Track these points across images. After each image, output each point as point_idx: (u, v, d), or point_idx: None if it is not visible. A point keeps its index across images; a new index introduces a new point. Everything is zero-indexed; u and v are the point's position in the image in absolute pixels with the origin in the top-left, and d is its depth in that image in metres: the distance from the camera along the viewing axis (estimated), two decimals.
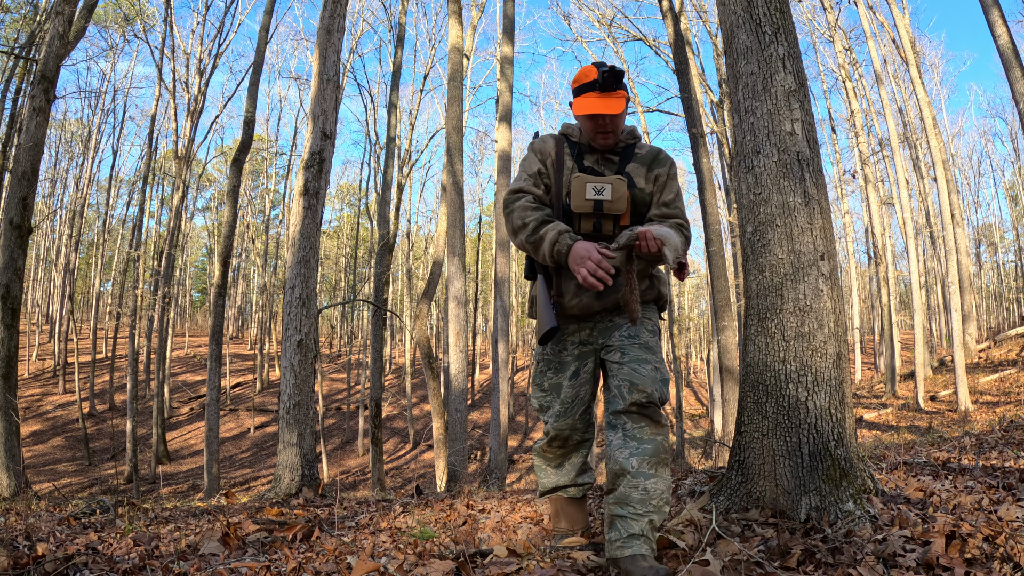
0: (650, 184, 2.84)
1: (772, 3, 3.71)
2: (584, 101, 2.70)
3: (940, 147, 21.95)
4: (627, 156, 2.86)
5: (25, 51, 18.01)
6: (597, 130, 2.75)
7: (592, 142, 2.82)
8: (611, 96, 2.68)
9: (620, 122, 2.77)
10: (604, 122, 2.72)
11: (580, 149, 2.86)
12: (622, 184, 2.68)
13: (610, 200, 2.68)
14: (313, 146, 8.74)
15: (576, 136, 2.89)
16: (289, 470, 7.90)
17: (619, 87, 2.70)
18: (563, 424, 2.87)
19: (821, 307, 3.31)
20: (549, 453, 3.01)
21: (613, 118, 2.72)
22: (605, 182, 2.67)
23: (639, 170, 2.83)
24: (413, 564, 2.74)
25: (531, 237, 2.70)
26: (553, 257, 2.64)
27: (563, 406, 2.86)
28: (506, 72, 14.29)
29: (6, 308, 9.17)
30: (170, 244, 24.22)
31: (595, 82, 2.69)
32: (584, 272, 2.51)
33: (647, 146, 2.93)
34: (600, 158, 2.85)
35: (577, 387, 2.87)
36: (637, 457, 2.57)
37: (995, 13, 12.58)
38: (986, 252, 51.03)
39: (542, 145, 2.89)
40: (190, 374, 39.55)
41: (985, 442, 6.96)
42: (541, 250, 2.68)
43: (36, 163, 9.69)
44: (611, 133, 2.77)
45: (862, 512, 2.98)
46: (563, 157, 2.83)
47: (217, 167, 45.69)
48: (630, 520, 2.49)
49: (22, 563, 2.78)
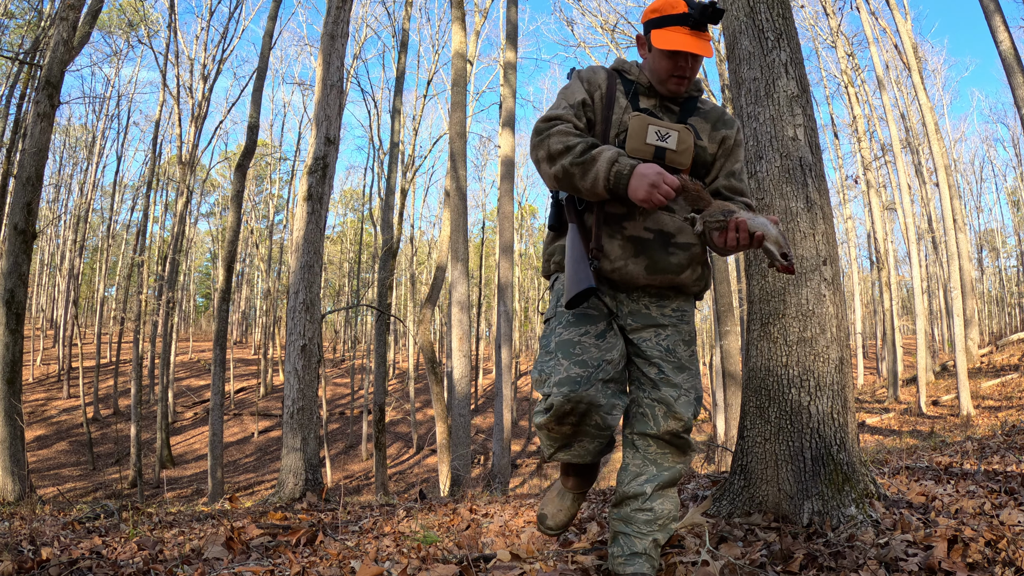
0: (715, 145, 2.41)
1: (775, 9, 3.72)
2: (668, 34, 2.21)
3: (942, 152, 21.94)
4: (689, 108, 2.42)
5: (30, 57, 18.07)
6: (673, 72, 2.28)
7: (659, 85, 2.35)
8: (703, 37, 2.23)
9: (698, 69, 2.34)
10: (686, 64, 2.27)
11: (636, 89, 2.39)
12: (689, 135, 2.28)
13: (674, 150, 2.26)
14: (317, 151, 8.77)
15: (633, 74, 2.42)
16: (293, 474, 7.91)
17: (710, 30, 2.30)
18: (583, 396, 2.20)
19: (823, 312, 3.32)
20: (556, 433, 2.35)
21: (696, 61, 2.28)
22: (671, 128, 2.26)
23: (703, 126, 2.40)
24: (416, 568, 2.75)
25: (579, 159, 2.20)
26: (609, 181, 2.15)
27: (584, 369, 2.21)
28: (509, 78, 14.32)
29: (10, 313, 9.20)
30: (174, 249, 24.27)
31: (685, 16, 2.21)
32: (647, 188, 2.07)
33: (711, 103, 2.50)
34: (659, 104, 2.38)
35: (605, 349, 2.27)
36: (652, 483, 2.36)
37: (997, 19, 12.60)
38: (988, 257, 50.93)
39: (591, 75, 2.41)
40: (194, 379, 39.57)
41: (987, 447, 6.96)
42: (592, 173, 2.17)
43: (40, 168, 9.73)
44: (687, 79, 2.31)
45: (864, 516, 2.98)
46: (615, 93, 2.37)
47: (221, 172, 45.81)
48: (634, 538, 2.37)
49: (26, 567, 2.79)
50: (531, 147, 2.33)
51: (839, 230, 31.89)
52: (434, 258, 29.49)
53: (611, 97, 2.35)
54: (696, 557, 2.64)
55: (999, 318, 50.22)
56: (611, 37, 26.45)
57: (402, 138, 21.62)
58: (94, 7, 11.33)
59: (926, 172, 26.91)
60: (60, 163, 40.33)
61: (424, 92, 26.52)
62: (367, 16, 28.47)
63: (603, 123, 2.34)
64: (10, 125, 19.73)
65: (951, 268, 19.98)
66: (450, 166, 12.88)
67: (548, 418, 2.27)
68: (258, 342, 47.01)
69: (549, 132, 2.28)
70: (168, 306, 24.18)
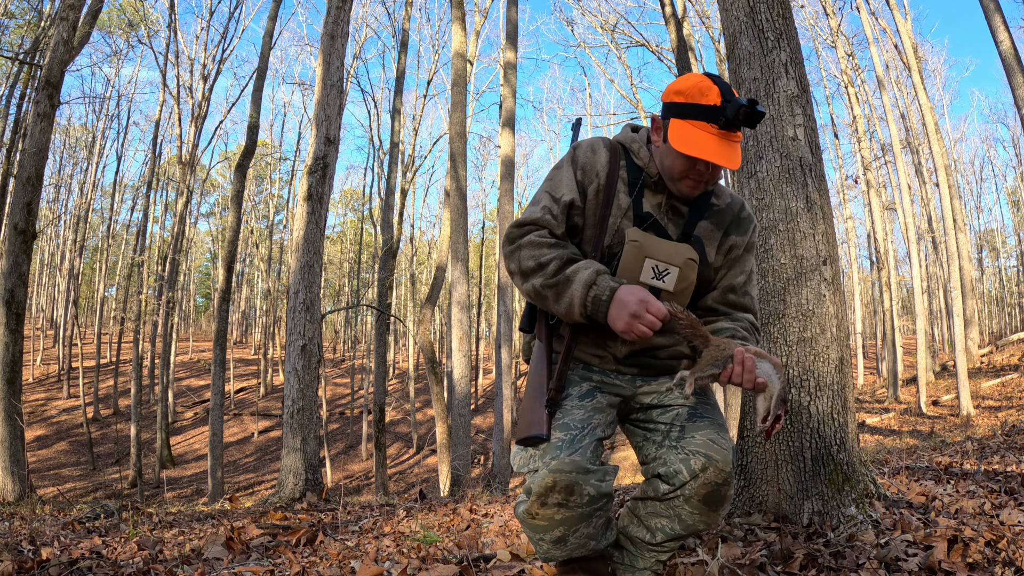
0: (720, 256, 2.07)
1: (775, 9, 3.72)
2: (690, 131, 1.85)
3: (942, 152, 21.95)
4: (700, 208, 2.03)
5: (30, 57, 18.08)
6: (688, 174, 1.92)
7: (670, 183, 1.98)
8: (732, 140, 1.86)
9: (720, 175, 1.99)
10: (705, 170, 1.91)
11: (643, 180, 2.02)
12: (691, 270, 1.95)
13: (671, 291, 1.96)
14: (317, 151, 8.77)
15: (642, 159, 2.03)
16: (293, 474, 7.91)
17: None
18: (566, 463, 1.82)
19: (823, 312, 3.32)
20: (542, 519, 1.91)
21: (719, 168, 1.92)
22: (671, 263, 1.93)
23: (712, 234, 2.04)
24: (416, 568, 2.75)
25: (551, 280, 1.89)
26: (587, 307, 1.86)
27: (568, 433, 1.89)
28: (509, 77, 14.32)
29: (10, 312, 9.20)
30: (174, 249, 24.28)
31: (716, 111, 1.83)
32: (626, 319, 1.80)
33: (727, 193, 2.12)
34: (666, 203, 2.01)
35: (591, 411, 1.97)
36: (668, 534, 2.05)
37: (997, 19, 12.60)
38: (988, 257, 50.94)
39: (589, 159, 2.03)
40: (194, 379, 39.58)
41: (987, 447, 6.96)
42: (566, 297, 1.88)
43: (40, 168, 9.74)
44: (703, 184, 1.95)
45: (864, 516, 2.98)
46: (615, 186, 2.00)
47: (221, 172, 45.82)
48: (637, 557, 2.14)
49: (27, 568, 2.79)
50: (503, 256, 2.02)
51: (839, 230, 31.91)
52: (434, 258, 29.52)
53: (610, 193, 1.99)
54: (696, 557, 2.64)
55: (999, 318, 50.23)
56: (611, 37, 26.52)
57: (402, 138, 21.63)
58: (94, 7, 11.33)
59: (926, 172, 26.91)
60: (60, 163, 40.36)
61: (424, 92, 26.55)
62: (367, 16, 28.49)
63: (596, 227, 2.00)
64: (10, 125, 19.74)
65: (951, 268, 19.99)
66: (450, 166, 12.89)
67: (530, 501, 1.87)
68: (258, 342, 47.03)
69: (520, 244, 1.96)
70: (168, 306, 24.19)
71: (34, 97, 11.27)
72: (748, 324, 2.06)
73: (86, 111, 43.87)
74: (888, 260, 26.52)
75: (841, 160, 31.35)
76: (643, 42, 25.37)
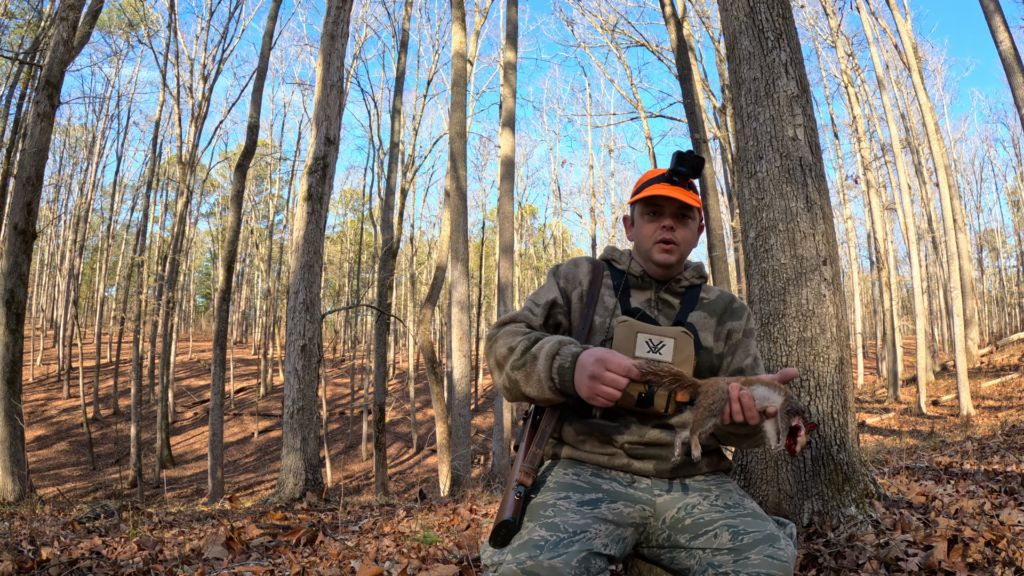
0: (720, 343, 1.99)
1: (775, 9, 3.72)
2: (652, 187, 1.93)
3: (942, 152, 21.96)
4: (691, 300, 2.01)
5: (30, 57, 18.08)
6: (656, 236, 1.94)
7: (647, 262, 1.99)
8: (683, 187, 1.93)
9: (690, 236, 1.98)
10: (667, 222, 1.93)
11: (627, 282, 2.02)
12: (688, 341, 1.84)
13: (670, 363, 1.81)
14: (317, 151, 8.77)
15: (623, 263, 2.05)
16: (293, 474, 7.91)
17: (691, 187, 1.97)
18: (543, 566, 1.50)
19: (823, 312, 3.32)
20: None
21: (683, 226, 1.95)
22: (665, 335, 1.84)
23: (707, 322, 1.99)
24: (416, 568, 2.75)
25: (519, 360, 1.78)
26: (554, 381, 1.70)
27: (554, 534, 1.58)
28: (509, 78, 14.32)
29: (10, 312, 9.20)
30: (174, 249, 24.29)
31: (662, 176, 1.95)
32: (587, 383, 1.63)
33: (715, 290, 2.11)
34: (655, 298, 1.99)
35: (592, 519, 1.67)
36: None
37: (997, 19, 12.61)
38: (988, 257, 50.97)
39: (571, 270, 2.04)
40: (194, 379, 39.59)
41: (987, 447, 6.97)
42: (535, 375, 1.74)
43: (40, 168, 9.74)
44: (676, 246, 1.94)
45: (864, 516, 2.98)
46: (599, 290, 1.99)
47: (221, 172, 45.86)
48: None
49: (27, 567, 2.79)
50: (484, 355, 1.93)
51: (839, 230, 31.92)
52: (434, 258, 29.52)
53: (594, 295, 1.96)
54: None
55: (999, 318, 50.24)
56: (611, 37, 26.53)
57: (402, 138, 21.63)
58: (94, 7, 11.33)
59: (926, 172, 26.92)
60: (60, 163, 40.38)
61: (424, 92, 26.54)
62: (367, 16, 28.49)
63: (583, 326, 1.92)
64: (10, 125, 19.75)
65: (951, 268, 19.99)
66: (450, 166, 12.89)
67: None
68: (258, 342, 47.05)
69: (496, 336, 1.89)
70: (168, 306, 24.19)
71: (34, 97, 11.28)
72: None
73: (86, 111, 43.93)
74: (888, 260, 26.52)
75: (841, 160, 31.39)
76: (643, 42, 25.38)
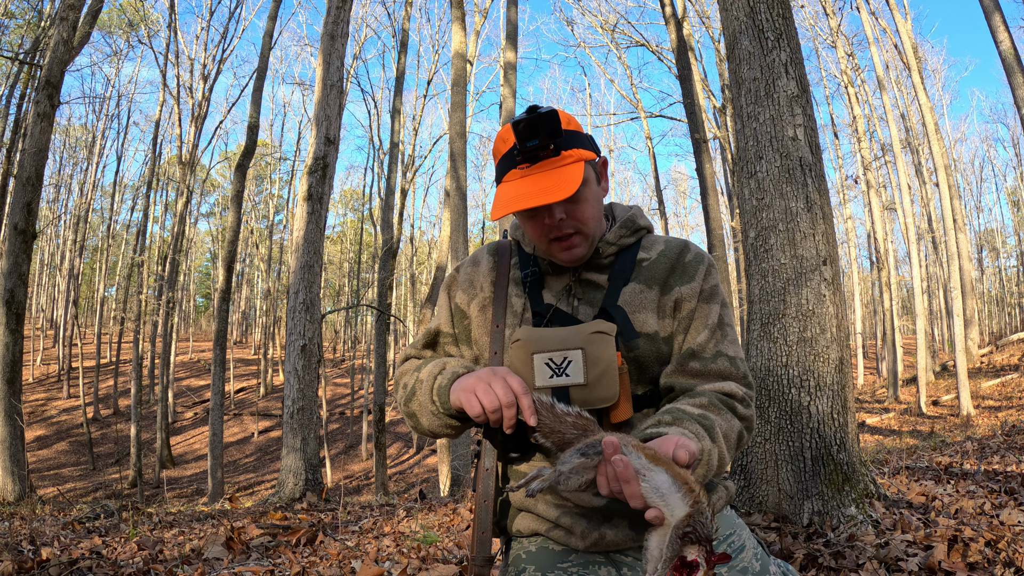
0: (668, 320, 1.49)
1: (775, 9, 3.72)
2: (501, 192, 1.45)
3: (942, 152, 21.96)
4: (623, 269, 1.52)
5: (30, 57, 18.09)
6: (544, 234, 1.47)
7: (551, 257, 1.53)
8: (547, 168, 1.41)
9: (590, 208, 1.47)
10: (551, 219, 1.44)
11: (539, 267, 1.57)
12: (605, 343, 1.37)
13: (582, 384, 1.37)
14: (317, 151, 8.77)
15: (531, 244, 1.61)
16: (293, 474, 7.91)
17: (561, 145, 1.40)
18: None
19: (823, 312, 3.32)
20: None
21: (577, 207, 1.45)
22: (568, 346, 1.38)
23: (646, 296, 1.48)
24: (417, 568, 2.75)
25: (410, 391, 1.49)
26: (435, 406, 1.41)
27: None
28: (509, 78, 14.32)
29: (10, 312, 9.20)
30: (174, 249, 24.29)
31: (512, 151, 1.44)
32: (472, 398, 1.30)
33: (660, 241, 1.59)
34: (575, 282, 1.53)
35: None
36: None
37: (997, 18, 12.60)
38: (988, 257, 50.99)
39: (470, 275, 1.63)
40: (194, 379, 39.58)
41: (987, 447, 6.97)
42: (426, 411, 1.45)
43: (40, 168, 9.74)
44: (575, 236, 1.47)
45: (864, 516, 2.98)
46: (506, 291, 1.56)
47: (221, 172, 45.85)
48: None
49: (27, 567, 2.79)
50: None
51: (839, 230, 31.90)
52: (434, 258, 29.52)
53: (501, 302, 1.55)
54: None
55: (999, 318, 50.26)
56: (611, 37, 26.54)
57: (402, 138, 21.64)
58: (94, 7, 11.34)
59: (926, 172, 26.92)
60: (60, 163, 40.38)
61: (424, 92, 26.58)
62: (367, 16, 28.50)
63: (493, 347, 1.52)
64: (10, 125, 19.75)
65: (951, 268, 19.99)
66: (450, 166, 12.89)
67: None
68: (258, 342, 47.05)
69: (396, 382, 1.59)
70: (168, 306, 24.19)
71: (34, 97, 11.27)
72: (716, 398, 1.41)
73: (86, 111, 43.93)
74: (888, 260, 26.53)
75: (841, 160, 31.38)
76: (643, 42, 25.41)
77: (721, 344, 1.48)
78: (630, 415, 1.39)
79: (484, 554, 1.40)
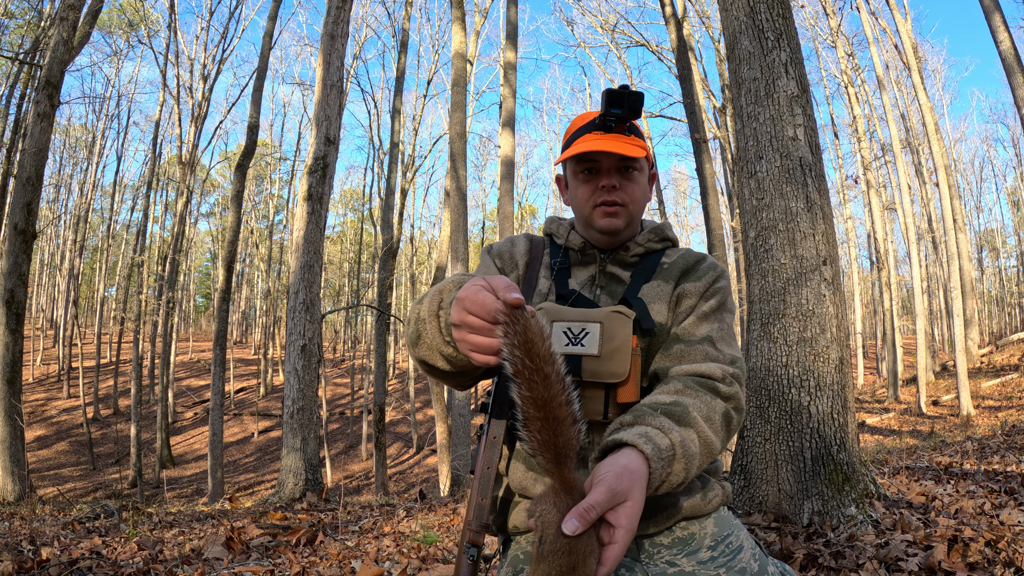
0: (670, 313, 1.54)
1: (774, 9, 3.72)
2: (574, 148, 1.54)
3: (942, 152, 21.96)
4: (646, 269, 1.60)
5: (30, 57, 18.08)
6: (594, 199, 1.57)
7: (587, 230, 1.63)
8: (619, 133, 1.54)
9: (639, 193, 1.59)
10: (609, 181, 1.55)
11: (568, 259, 1.66)
12: (623, 324, 1.41)
13: (595, 355, 1.39)
14: (317, 151, 8.77)
15: (563, 236, 1.68)
16: (293, 474, 7.91)
17: (634, 130, 1.57)
18: None
19: (823, 312, 3.32)
20: None
21: (626, 175, 1.57)
22: (589, 319, 1.42)
23: (661, 290, 1.55)
24: (417, 568, 2.75)
25: (413, 324, 1.37)
26: (443, 333, 1.27)
27: None
28: (509, 78, 14.32)
29: (10, 312, 9.20)
30: (174, 249, 24.29)
31: (593, 121, 1.56)
32: (461, 339, 1.16)
33: (682, 250, 1.68)
34: (601, 273, 1.61)
35: None
36: None
37: (997, 18, 12.60)
38: (988, 257, 51.01)
39: (507, 249, 1.69)
40: (194, 379, 39.59)
41: (987, 447, 6.97)
42: (425, 335, 1.32)
43: (40, 168, 9.74)
44: (622, 207, 1.56)
45: (864, 516, 2.98)
46: (537, 273, 1.63)
47: (221, 172, 45.86)
48: None
49: (27, 567, 2.79)
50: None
51: (839, 230, 31.91)
52: (434, 258, 29.52)
53: (531, 280, 1.61)
54: None
55: (999, 318, 50.26)
56: (611, 37, 26.55)
57: (402, 138, 21.64)
58: (94, 7, 11.33)
59: (926, 172, 26.93)
60: (60, 163, 40.37)
61: (424, 92, 26.55)
62: (367, 16, 28.52)
63: None
64: (10, 125, 19.76)
65: (951, 268, 20.00)
66: (450, 166, 12.89)
67: None
68: (258, 342, 47.06)
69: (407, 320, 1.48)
70: (168, 306, 24.19)
71: (34, 97, 11.27)
72: (692, 380, 1.40)
73: (86, 111, 43.96)
74: (888, 260, 26.53)
75: (841, 160, 31.39)
76: (643, 42, 25.42)
77: (711, 333, 1.50)
78: (637, 398, 1.41)
79: (480, 520, 1.38)
